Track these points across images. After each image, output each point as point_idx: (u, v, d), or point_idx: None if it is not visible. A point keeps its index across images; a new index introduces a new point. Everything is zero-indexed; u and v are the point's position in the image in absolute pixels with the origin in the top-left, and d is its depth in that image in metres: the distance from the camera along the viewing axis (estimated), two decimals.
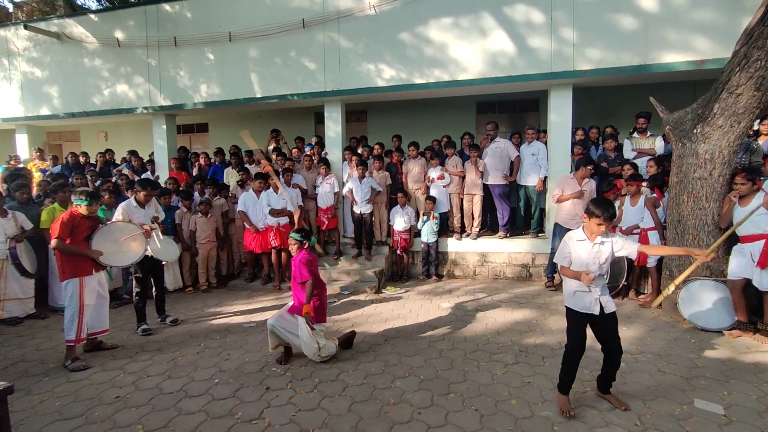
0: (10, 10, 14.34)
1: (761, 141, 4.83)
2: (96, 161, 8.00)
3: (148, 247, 4.20)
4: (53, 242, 3.59)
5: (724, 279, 4.12)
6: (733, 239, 4.13)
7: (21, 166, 7.68)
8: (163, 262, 4.59)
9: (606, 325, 2.71)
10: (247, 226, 5.94)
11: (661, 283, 4.69)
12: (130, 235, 3.98)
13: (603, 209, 2.60)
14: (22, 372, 3.50)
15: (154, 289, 4.60)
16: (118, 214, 4.19)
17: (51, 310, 5.10)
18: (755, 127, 4.96)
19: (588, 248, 2.68)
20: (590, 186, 5.42)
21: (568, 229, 5.42)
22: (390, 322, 4.51)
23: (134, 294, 4.44)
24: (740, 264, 3.90)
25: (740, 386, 3.04)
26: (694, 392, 2.97)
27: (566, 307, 2.80)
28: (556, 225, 5.48)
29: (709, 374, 3.22)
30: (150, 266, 4.41)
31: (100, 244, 3.78)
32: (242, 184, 6.54)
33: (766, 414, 2.70)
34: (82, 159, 8.04)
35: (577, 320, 2.73)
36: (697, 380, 3.13)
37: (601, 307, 2.68)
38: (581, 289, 2.69)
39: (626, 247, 2.70)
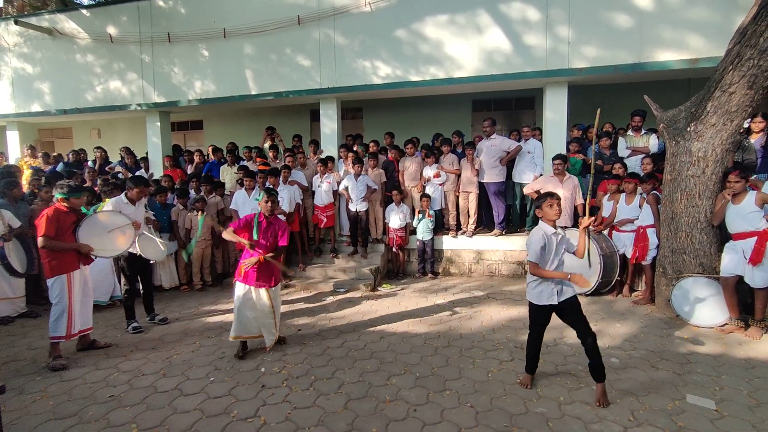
0: (1, 5, 14.13)
1: (753, 139, 4.87)
2: (95, 159, 7.87)
3: (136, 245, 4.15)
4: (40, 241, 3.50)
5: (716, 276, 4.16)
6: (726, 237, 4.17)
7: (11, 163, 7.58)
8: (151, 261, 4.51)
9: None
10: None
11: (655, 280, 4.73)
12: (119, 226, 3.91)
13: (548, 195, 2.92)
14: (14, 371, 3.46)
15: (141, 287, 4.55)
16: (107, 208, 4.15)
17: (44, 300, 5.04)
18: (746, 125, 5.00)
19: (555, 240, 2.91)
20: (572, 182, 5.45)
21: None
22: (386, 320, 4.51)
23: (122, 292, 4.42)
24: (732, 261, 3.94)
25: (732, 381, 3.07)
26: (686, 388, 3.00)
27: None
28: None
29: (701, 370, 3.26)
30: (138, 264, 4.36)
31: (86, 236, 3.70)
32: (242, 182, 6.51)
33: (757, 409, 2.74)
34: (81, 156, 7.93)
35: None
36: (690, 376, 3.17)
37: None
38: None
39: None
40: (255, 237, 3.64)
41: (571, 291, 2.84)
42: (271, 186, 5.61)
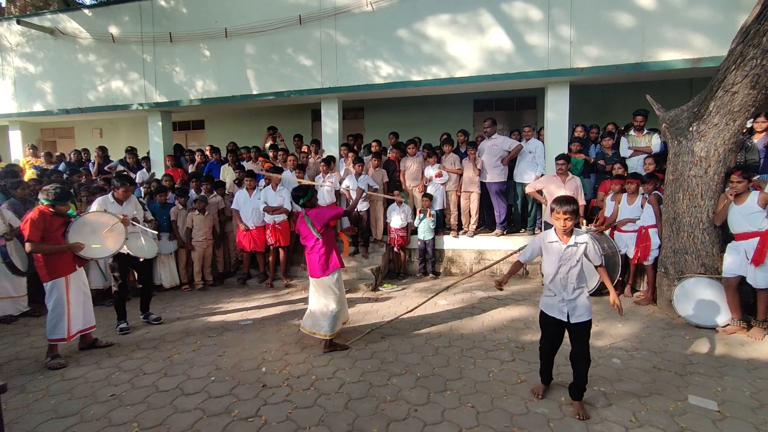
0: (3, 4, 14.18)
1: (756, 139, 4.85)
2: (94, 159, 7.90)
3: (124, 244, 4.10)
4: (27, 246, 3.46)
5: (718, 276, 4.14)
6: (729, 237, 4.15)
7: (13, 162, 7.61)
8: (140, 259, 4.39)
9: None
10: (238, 223, 5.92)
11: (656, 280, 4.71)
12: (109, 226, 3.88)
13: (558, 202, 2.63)
14: (16, 370, 3.47)
15: (139, 285, 4.53)
16: (92, 208, 4.09)
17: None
18: (748, 125, 4.99)
19: (559, 250, 2.67)
20: (574, 183, 5.44)
21: None
22: (386, 320, 4.50)
23: (113, 291, 4.38)
24: (735, 261, 3.92)
25: (734, 382, 3.06)
26: (688, 388, 2.99)
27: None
28: (545, 223, 5.50)
29: (703, 371, 3.25)
30: (129, 262, 4.30)
31: (76, 238, 3.68)
32: (239, 183, 6.52)
33: (759, 410, 2.72)
34: (84, 156, 7.97)
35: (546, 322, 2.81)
36: (692, 377, 3.16)
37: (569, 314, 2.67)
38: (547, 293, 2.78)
39: (595, 257, 2.72)
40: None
41: (586, 315, 2.65)
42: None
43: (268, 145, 7.55)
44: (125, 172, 7.10)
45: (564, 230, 2.64)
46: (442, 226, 6.55)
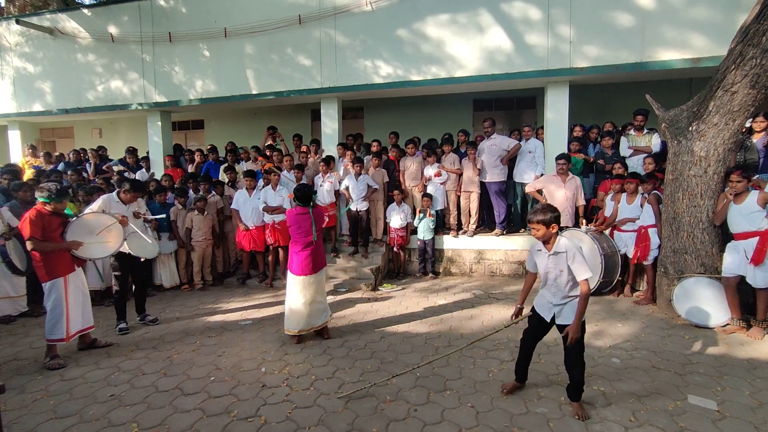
0: (2, 4, 14.16)
1: (755, 139, 4.86)
2: (90, 158, 7.89)
3: (125, 243, 4.10)
4: (28, 244, 3.46)
5: (718, 276, 4.15)
6: (728, 236, 4.15)
7: (12, 162, 7.60)
8: (141, 259, 4.42)
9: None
10: (237, 223, 5.92)
11: (656, 280, 4.72)
12: (106, 226, 3.88)
13: (532, 213, 2.65)
14: (15, 370, 3.47)
15: (134, 287, 4.53)
16: (95, 205, 4.08)
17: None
18: (748, 125, 4.99)
19: (544, 258, 2.70)
20: (575, 183, 5.43)
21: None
22: (386, 320, 4.50)
23: (114, 291, 4.39)
24: (734, 261, 3.93)
25: (733, 382, 3.06)
26: (687, 388, 2.99)
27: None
28: None
29: (702, 370, 3.25)
30: (129, 263, 4.30)
31: (74, 238, 3.67)
32: (232, 184, 6.52)
33: (758, 409, 2.73)
34: (82, 156, 7.97)
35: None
36: (691, 376, 3.16)
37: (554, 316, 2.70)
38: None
39: (577, 270, 2.55)
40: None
41: (572, 320, 2.60)
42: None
43: (267, 144, 7.54)
44: (126, 173, 7.11)
45: (538, 239, 2.68)
46: (441, 225, 6.55)
